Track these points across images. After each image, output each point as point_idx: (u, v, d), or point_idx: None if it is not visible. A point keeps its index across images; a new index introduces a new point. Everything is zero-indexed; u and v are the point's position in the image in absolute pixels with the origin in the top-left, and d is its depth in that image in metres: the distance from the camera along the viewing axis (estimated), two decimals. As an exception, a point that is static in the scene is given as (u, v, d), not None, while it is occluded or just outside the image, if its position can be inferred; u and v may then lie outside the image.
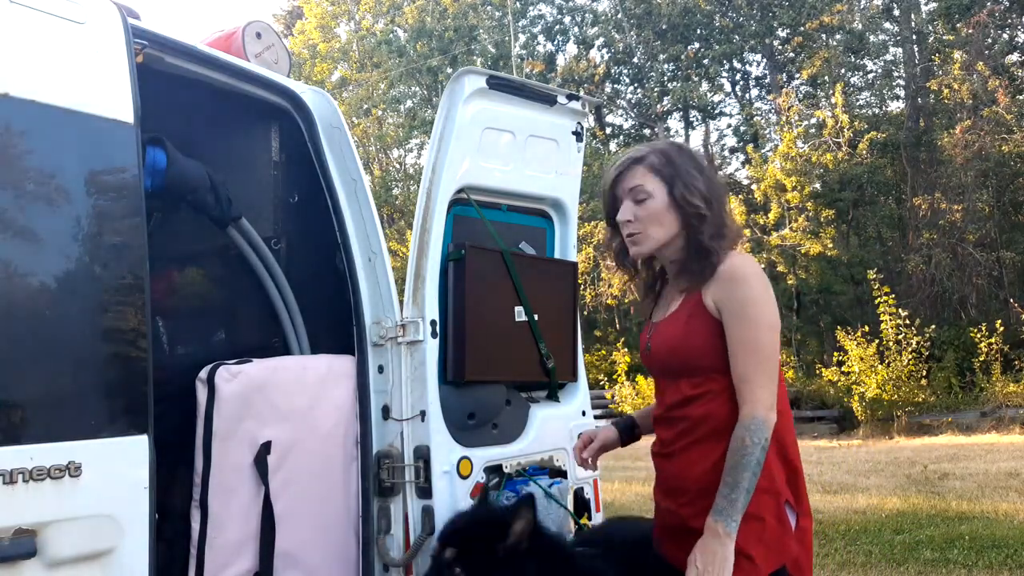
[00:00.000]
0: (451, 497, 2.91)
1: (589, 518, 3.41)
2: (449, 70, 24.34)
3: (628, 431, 2.68)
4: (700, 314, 2.21)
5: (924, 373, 15.65)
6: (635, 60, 25.71)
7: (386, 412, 2.94)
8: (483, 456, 3.06)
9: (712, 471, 2.12)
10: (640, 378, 18.52)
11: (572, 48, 27.18)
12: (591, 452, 2.69)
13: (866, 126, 20.00)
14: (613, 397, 18.66)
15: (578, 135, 3.50)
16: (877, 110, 22.52)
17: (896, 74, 22.53)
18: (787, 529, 2.17)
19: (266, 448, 2.68)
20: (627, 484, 9.46)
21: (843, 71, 22.71)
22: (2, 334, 1.91)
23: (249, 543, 2.65)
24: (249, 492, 2.66)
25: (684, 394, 2.23)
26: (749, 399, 2.09)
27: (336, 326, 3.10)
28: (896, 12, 21.99)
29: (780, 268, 19.77)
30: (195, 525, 2.56)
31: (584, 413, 3.50)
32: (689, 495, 2.19)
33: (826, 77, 21.67)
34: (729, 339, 2.15)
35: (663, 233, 2.28)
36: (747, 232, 19.91)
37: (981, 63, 18.28)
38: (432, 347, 2.95)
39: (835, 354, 16.82)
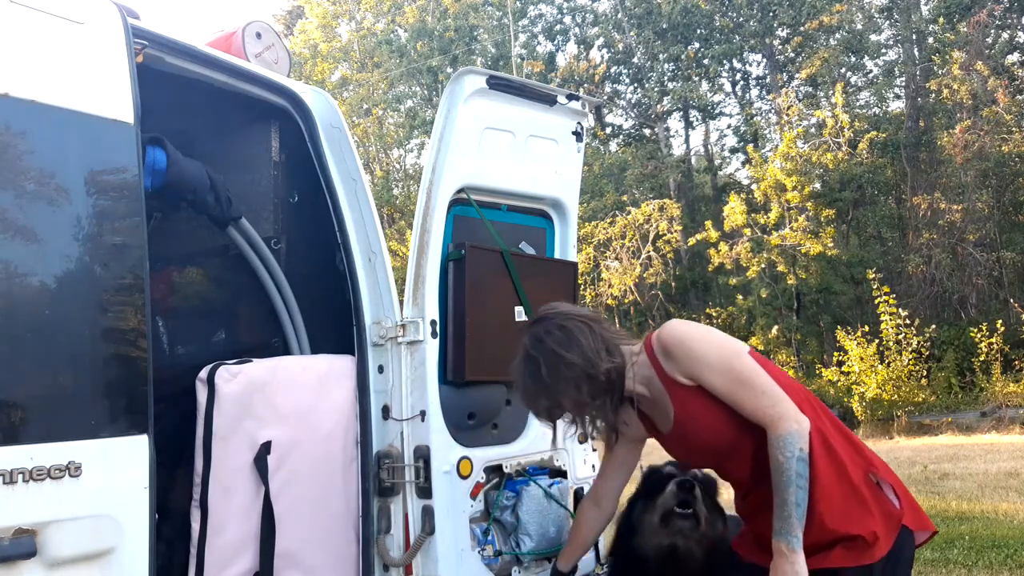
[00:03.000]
0: (451, 497, 2.91)
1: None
2: (449, 70, 24.34)
3: None
4: (690, 401, 2.32)
5: (924, 373, 15.66)
6: (635, 60, 25.70)
7: (386, 412, 2.94)
8: (483, 456, 3.06)
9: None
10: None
11: (572, 48, 27.20)
12: None
13: (866, 126, 20.00)
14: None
15: (578, 135, 3.50)
16: (877, 110, 22.51)
17: (896, 74, 22.52)
18: (884, 496, 2.30)
19: (266, 448, 2.68)
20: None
21: (843, 71, 22.70)
22: (2, 334, 1.91)
23: (249, 543, 2.64)
24: (249, 492, 2.65)
25: (748, 459, 2.33)
26: (768, 422, 2.19)
27: (336, 326, 3.09)
28: (896, 12, 21.99)
29: (780, 268, 19.77)
30: (195, 525, 2.56)
31: (584, 413, 3.50)
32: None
33: (826, 77, 21.67)
34: (718, 393, 2.27)
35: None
36: (747, 232, 19.94)
37: (981, 63, 18.27)
38: (432, 347, 2.95)
39: (835, 354, 16.82)
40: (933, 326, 16.21)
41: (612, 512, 2.81)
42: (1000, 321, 15.35)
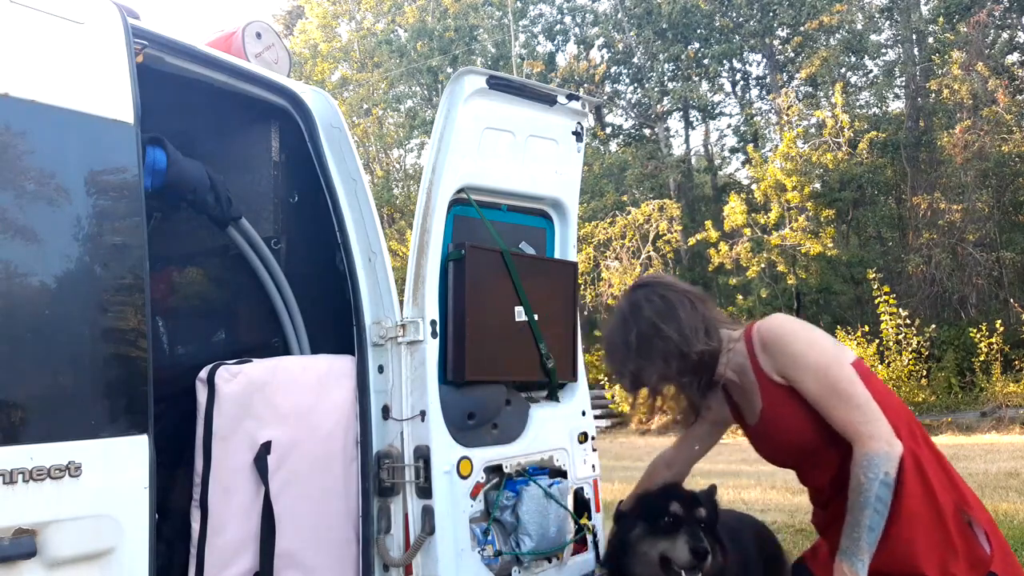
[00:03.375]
0: (451, 497, 2.91)
1: (589, 518, 3.41)
2: (449, 70, 24.34)
3: None
4: (780, 401, 2.23)
5: (924, 373, 15.66)
6: (635, 60, 25.70)
7: (386, 412, 2.94)
8: (483, 456, 3.06)
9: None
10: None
11: (572, 48, 27.21)
12: None
13: (866, 126, 20.02)
14: (613, 397, 18.63)
15: (578, 135, 3.50)
16: (877, 110, 22.52)
17: (896, 74, 22.53)
18: (973, 537, 2.14)
19: (266, 448, 2.68)
20: (627, 484, 9.45)
21: (843, 71, 22.71)
22: (2, 334, 1.91)
23: (249, 543, 2.64)
24: (249, 492, 2.65)
25: (832, 467, 2.24)
26: (857, 439, 2.09)
27: (336, 326, 3.09)
28: (896, 12, 21.99)
29: (780, 268, 19.78)
30: (195, 525, 2.56)
31: (584, 413, 3.50)
32: None
33: (826, 77, 21.68)
34: (809, 398, 2.17)
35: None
36: (747, 232, 19.94)
37: (981, 63, 18.28)
38: (432, 347, 2.94)
39: (835, 354, 16.79)
40: (933, 326, 16.21)
41: (683, 478, 2.75)
42: (1000, 321, 15.35)
